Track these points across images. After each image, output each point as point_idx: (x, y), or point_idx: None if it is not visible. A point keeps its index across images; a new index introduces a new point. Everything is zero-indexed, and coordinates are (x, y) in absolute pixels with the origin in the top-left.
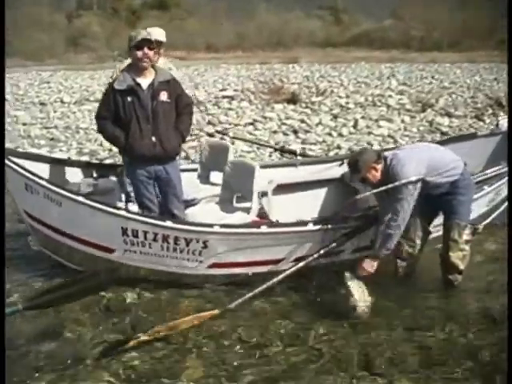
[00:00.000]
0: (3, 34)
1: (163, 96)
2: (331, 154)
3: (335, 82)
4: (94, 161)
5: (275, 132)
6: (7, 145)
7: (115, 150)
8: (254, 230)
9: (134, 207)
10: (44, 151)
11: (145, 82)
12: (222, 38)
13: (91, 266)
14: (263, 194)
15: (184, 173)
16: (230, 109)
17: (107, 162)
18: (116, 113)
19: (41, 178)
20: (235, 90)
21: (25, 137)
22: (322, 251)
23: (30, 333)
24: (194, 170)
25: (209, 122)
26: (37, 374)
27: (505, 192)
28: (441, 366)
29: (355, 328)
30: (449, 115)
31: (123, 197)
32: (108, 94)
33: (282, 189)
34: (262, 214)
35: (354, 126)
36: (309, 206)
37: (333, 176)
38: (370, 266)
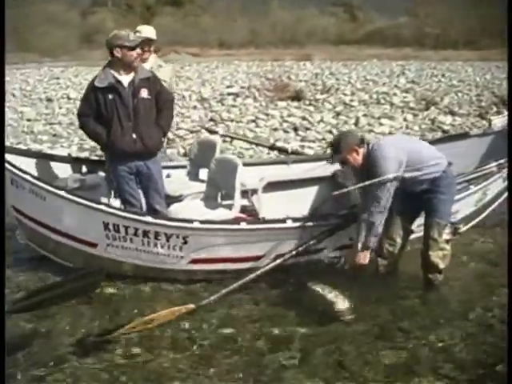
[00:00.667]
0: (3, 33)
1: (144, 93)
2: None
3: (343, 79)
4: (94, 157)
5: (276, 129)
6: (11, 140)
7: None
8: (233, 226)
9: (116, 202)
10: (45, 147)
11: (125, 79)
12: (236, 35)
13: (76, 260)
14: (253, 192)
15: (175, 170)
16: (233, 106)
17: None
18: (97, 110)
19: (25, 172)
20: (242, 87)
21: (28, 132)
22: (300, 249)
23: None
24: (185, 167)
25: (211, 119)
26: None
27: (493, 192)
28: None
29: (331, 328)
30: (452, 113)
31: (112, 192)
32: (89, 92)
33: (273, 186)
34: (251, 211)
35: (356, 124)
36: (300, 203)
37: (324, 174)
38: (363, 257)
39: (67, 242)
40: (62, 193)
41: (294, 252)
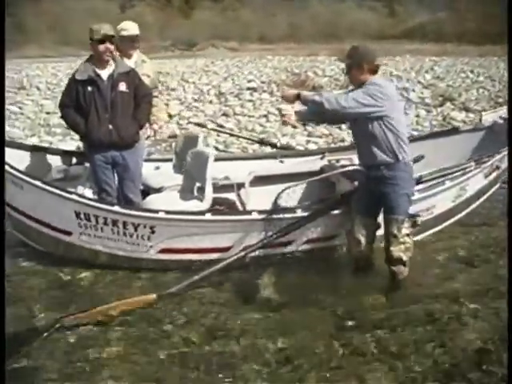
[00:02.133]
0: (3, 33)
1: (122, 86)
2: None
3: None
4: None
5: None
6: (26, 132)
7: None
8: (198, 217)
9: (88, 192)
10: (55, 140)
11: (105, 73)
12: (275, 30)
13: (56, 249)
14: (240, 186)
15: (165, 163)
16: (249, 100)
17: None
18: (77, 101)
19: (5, 163)
20: (262, 82)
21: (44, 125)
22: (264, 241)
23: None
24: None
25: (224, 114)
26: None
27: (473, 189)
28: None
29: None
30: (467, 110)
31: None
32: (70, 84)
33: (262, 181)
34: (231, 205)
35: None
36: (287, 198)
37: (312, 169)
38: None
39: (44, 230)
40: (37, 182)
41: (259, 244)
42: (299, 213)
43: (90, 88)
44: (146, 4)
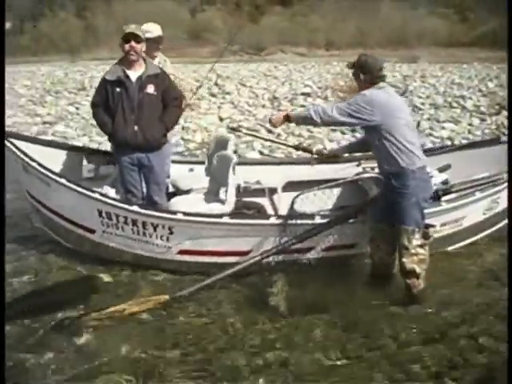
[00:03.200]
0: (3, 34)
1: (150, 89)
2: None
3: (428, 82)
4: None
5: (334, 130)
6: (78, 132)
7: None
8: (215, 219)
9: (111, 191)
10: (104, 139)
11: (134, 74)
12: (344, 35)
13: (82, 246)
14: (272, 191)
15: (200, 165)
16: (302, 105)
17: None
18: (106, 102)
19: (32, 159)
20: (319, 88)
21: (96, 126)
22: (279, 247)
23: None
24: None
25: None
26: None
27: (506, 203)
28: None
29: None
30: None
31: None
32: (101, 84)
33: (296, 186)
34: (260, 209)
35: (416, 127)
36: (321, 204)
37: (347, 176)
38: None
39: (70, 227)
40: (62, 180)
41: (273, 250)
42: (317, 219)
43: (118, 89)
44: (216, 9)
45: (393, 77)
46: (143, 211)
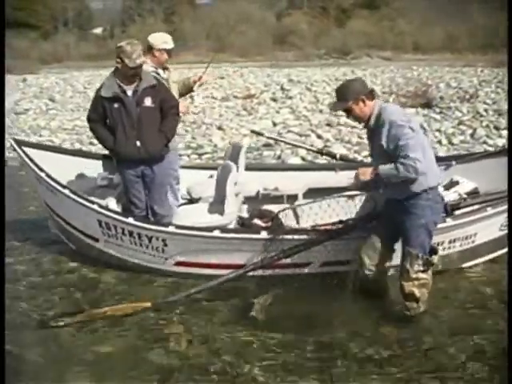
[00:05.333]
0: (3, 34)
1: (147, 101)
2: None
3: (503, 87)
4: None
5: None
6: None
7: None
8: (205, 233)
9: (111, 202)
10: None
11: (130, 88)
12: (431, 40)
13: (89, 252)
14: (292, 198)
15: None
16: None
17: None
18: (104, 117)
19: (41, 169)
20: (384, 93)
21: None
22: (264, 262)
23: None
24: None
25: (327, 124)
26: None
27: None
28: None
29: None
30: None
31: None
32: (96, 99)
33: (317, 193)
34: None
35: (472, 135)
36: (344, 212)
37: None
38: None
39: (76, 234)
40: (66, 191)
41: (258, 264)
42: (311, 234)
43: (116, 105)
44: (302, 13)
45: (469, 82)
46: (137, 223)
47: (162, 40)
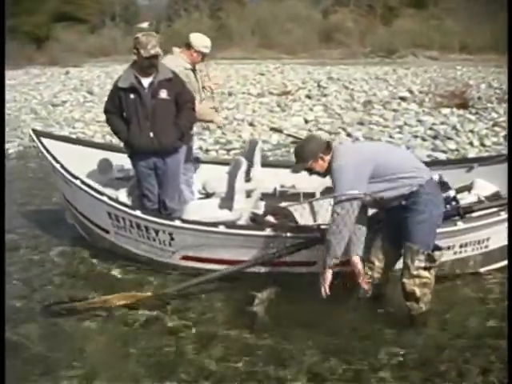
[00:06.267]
0: (3, 34)
1: (163, 94)
2: None
3: None
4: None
5: (416, 136)
6: None
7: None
8: (210, 228)
9: (122, 194)
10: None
11: (146, 80)
12: (479, 40)
13: (102, 243)
14: (306, 195)
15: None
16: (394, 110)
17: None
18: (120, 108)
19: (57, 160)
20: (421, 92)
21: None
22: (265, 258)
23: None
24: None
25: (359, 122)
26: None
27: None
28: None
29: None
30: None
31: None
32: (114, 91)
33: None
34: (287, 215)
35: (506, 137)
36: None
37: None
38: (324, 277)
39: (90, 226)
40: (77, 182)
41: (259, 261)
42: (315, 232)
43: (132, 96)
44: (349, 10)
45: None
46: (143, 216)
47: (203, 43)
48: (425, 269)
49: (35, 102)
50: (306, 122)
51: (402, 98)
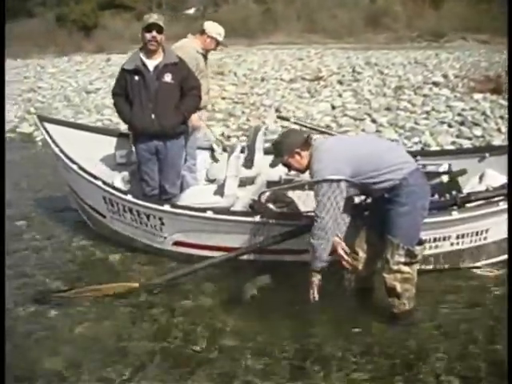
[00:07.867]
0: (3, 34)
1: (167, 77)
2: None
3: None
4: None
5: (443, 122)
6: None
7: None
8: (198, 213)
9: (117, 179)
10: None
11: (152, 63)
12: None
13: (102, 229)
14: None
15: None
16: (424, 95)
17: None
18: (126, 90)
19: (57, 145)
20: (456, 77)
21: (209, 110)
22: (256, 246)
23: None
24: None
25: (387, 108)
26: None
27: None
28: None
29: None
30: None
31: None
32: (120, 73)
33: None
34: (289, 203)
35: None
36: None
37: None
38: (311, 282)
39: (89, 210)
40: (74, 166)
41: (250, 249)
42: (304, 220)
43: (136, 78)
44: None
45: None
46: (132, 200)
47: (216, 31)
48: (405, 264)
49: (70, 89)
50: (333, 107)
51: (435, 83)
